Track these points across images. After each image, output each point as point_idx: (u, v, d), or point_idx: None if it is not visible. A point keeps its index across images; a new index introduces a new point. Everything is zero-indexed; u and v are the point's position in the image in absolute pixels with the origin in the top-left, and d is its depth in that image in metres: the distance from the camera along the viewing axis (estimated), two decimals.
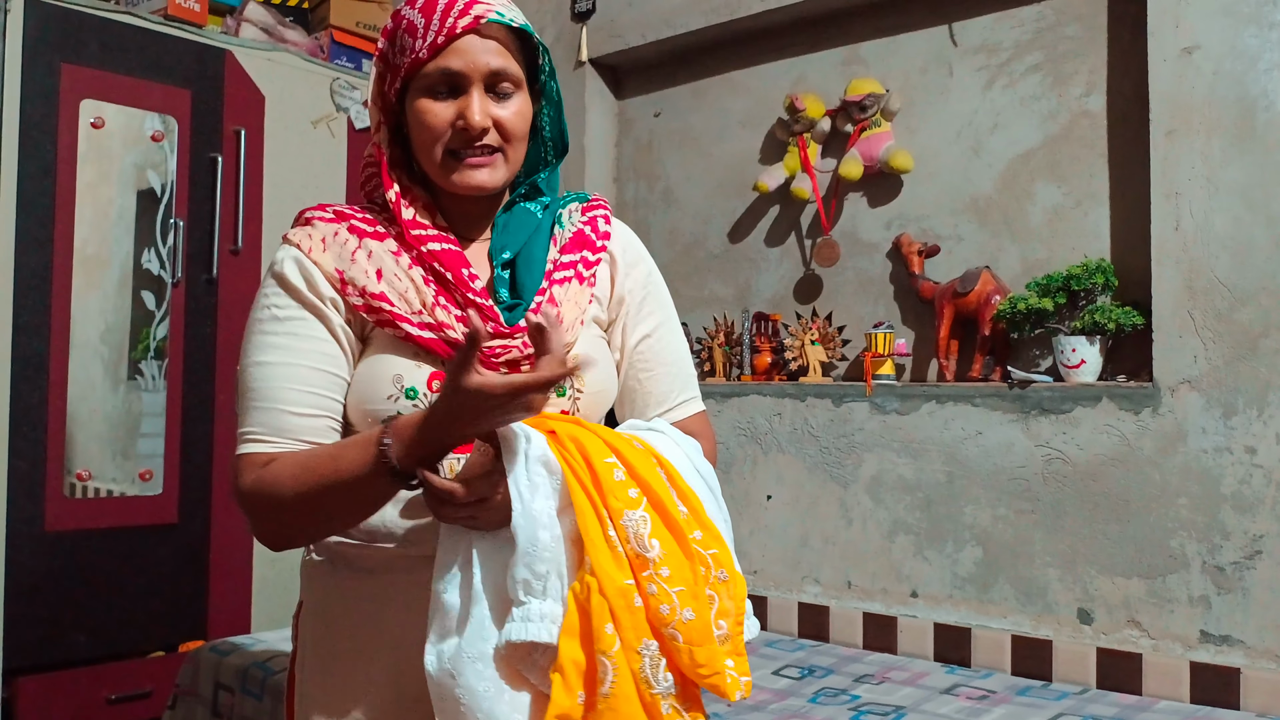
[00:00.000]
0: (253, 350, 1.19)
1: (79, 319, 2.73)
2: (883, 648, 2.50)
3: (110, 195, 2.83)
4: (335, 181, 3.28)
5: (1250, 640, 2.06)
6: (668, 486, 1.13)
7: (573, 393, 1.23)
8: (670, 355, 1.37)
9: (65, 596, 2.67)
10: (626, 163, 3.27)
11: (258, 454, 1.16)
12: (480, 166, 1.21)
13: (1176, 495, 2.14)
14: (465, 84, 1.19)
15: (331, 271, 1.19)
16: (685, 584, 1.07)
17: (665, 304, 1.40)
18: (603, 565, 1.05)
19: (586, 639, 1.04)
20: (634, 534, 1.07)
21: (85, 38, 2.74)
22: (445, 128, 1.19)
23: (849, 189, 2.74)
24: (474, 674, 1.05)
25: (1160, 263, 2.16)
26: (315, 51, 3.40)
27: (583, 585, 1.05)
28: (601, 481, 1.08)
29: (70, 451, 2.72)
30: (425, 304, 1.18)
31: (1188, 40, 2.14)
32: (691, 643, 1.05)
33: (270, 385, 1.17)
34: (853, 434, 2.59)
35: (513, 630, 1.04)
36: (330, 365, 1.19)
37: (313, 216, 1.24)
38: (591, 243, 1.30)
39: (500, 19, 1.19)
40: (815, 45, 2.83)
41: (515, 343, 1.18)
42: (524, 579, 1.05)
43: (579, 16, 3.19)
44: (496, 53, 1.20)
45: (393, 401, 1.17)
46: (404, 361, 1.18)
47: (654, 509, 1.09)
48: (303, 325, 1.18)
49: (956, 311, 2.45)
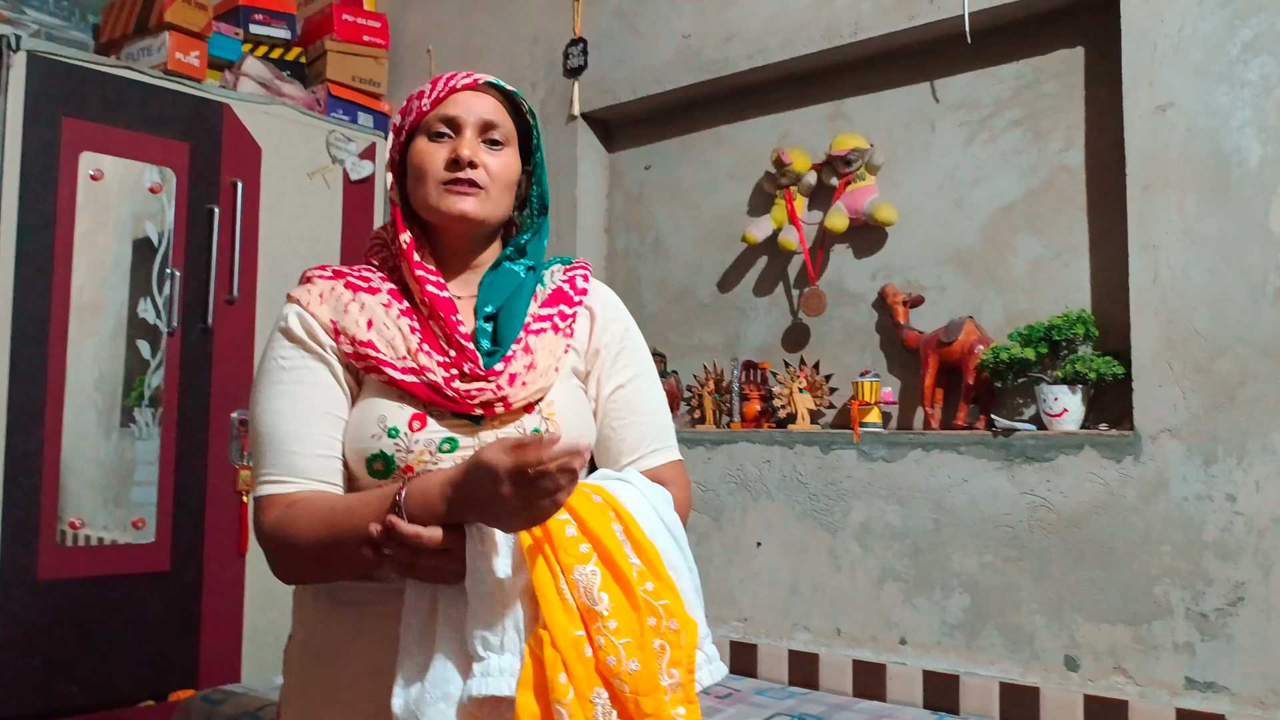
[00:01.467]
0: (263, 399, 1.29)
1: (74, 367, 2.76)
2: (872, 695, 2.50)
3: (107, 245, 2.87)
4: (330, 232, 3.33)
5: (1235, 687, 2.08)
6: (620, 541, 1.18)
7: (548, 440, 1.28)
8: (644, 405, 1.43)
9: (57, 645, 2.67)
10: (617, 214, 3.32)
11: (276, 495, 1.24)
12: (467, 195, 1.32)
13: (1160, 542, 2.17)
14: (460, 127, 1.33)
15: (327, 322, 1.30)
16: (632, 635, 1.12)
17: (642, 358, 1.46)
18: (555, 619, 1.10)
19: (541, 690, 1.09)
20: (584, 588, 1.12)
21: (86, 92, 2.79)
22: (438, 161, 1.32)
23: (835, 241, 2.79)
24: (437, 715, 1.10)
25: (1139, 313, 2.21)
26: (312, 105, 3.46)
27: (536, 639, 1.10)
28: (553, 538, 1.14)
29: (64, 499, 2.73)
30: (410, 350, 1.27)
31: (1162, 98, 2.20)
32: (638, 692, 1.10)
33: (283, 430, 1.26)
34: (841, 481, 2.62)
35: (473, 685, 1.09)
36: (335, 408, 1.28)
37: (313, 275, 1.36)
38: (569, 297, 1.40)
39: (497, 83, 1.37)
40: (801, 101, 2.90)
41: (490, 385, 1.27)
42: (481, 635, 1.11)
43: (571, 72, 3.26)
44: (491, 108, 1.35)
45: (375, 440, 1.25)
46: (389, 404, 1.27)
47: (604, 563, 1.15)
48: (308, 373, 1.28)
49: (941, 360, 2.49)
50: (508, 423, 1.29)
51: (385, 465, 1.25)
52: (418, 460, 1.25)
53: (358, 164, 3.40)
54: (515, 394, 1.28)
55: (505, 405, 1.27)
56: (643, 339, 1.49)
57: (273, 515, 1.23)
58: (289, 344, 1.30)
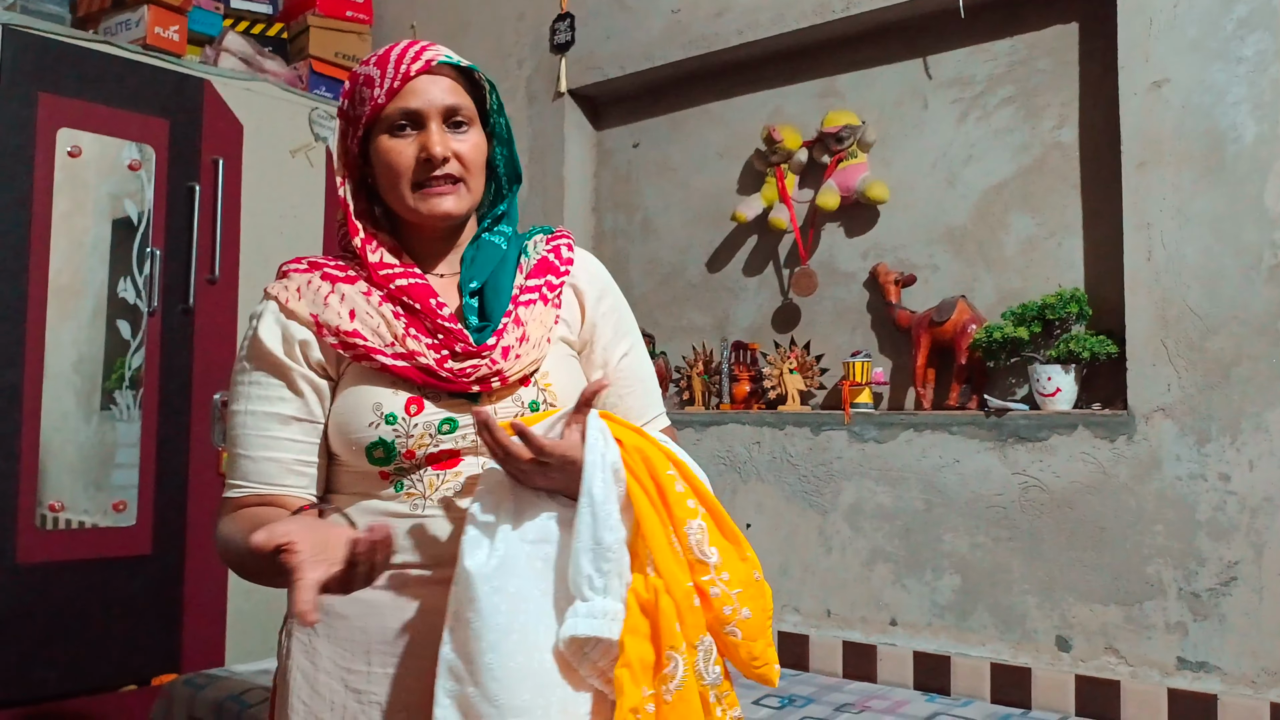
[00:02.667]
0: (231, 399, 1.32)
1: (53, 348, 2.71)
2: (863, 676, 2.49)
3: (86, 224, 2.82)
4: (313, 211, 3.28)
5: (1227, 666, 2.07)
6: (711, 495, 1.23)
7: (545, 407, 1.30)
8: (642, 373, 1.45)
9: (37, 630, 2.63)
10: (605, 193, 3.29)
11: (230, 499, 1.28)
12: (445, 194, 1.29)
13: (1152, 522, 2.16)
14: (424, 120, 1.29)
15: (306, 317, 1.28)
16: (743, 585, 1.18)
17: (633, 326, 1.48)
18: (669, 569, 1.14)
19: (654, 637, 1.13)
20: (694, 542, 1.17)
21: (63, 67, 2.73)
22: (409, 162, 1.28)
23: (826, 219, 2.76)
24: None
25: (1133, 292, 2.19)
26: (294, 81, 3.41)
27: (648, 587, 1.13)
28: (666, 493, 1.18)
29: (43, 482, 2.69)
30: (396, 336, 1.25)
31: (1157, 74, 2.18)
32: (750, 638, 1.18)
33: (241, 432, 1.28)
34: (831, 462, 2.60)
35: (578, 625, 1.12)
36: (291, 409, 1.28)
37: (289, 269, 1.34)
38: (555, 268, 1.38)
39: (449, 60, 1.31)
40: (792, 78, 2.86)
41: (484, 361, 1.26)
42: (588, 575, 1.13)
43: (558, 48, 3.22)
44: (450, 90, 1.30)
45: (373, 429, 1.24)
46: (382, 390, 1.25)
47: (710, 517, 1.20)
48: (264, 383, 1.29)
49: (933, 340, 2.47)
50: (504, 397, 1.28)
51: (386, 452, 1.24)
52: (418, 444, 1.24)
53: None
54: (510, 367, 1.27)
55: (501, 379, 1.26)
56: (628, 304, 1.50)
57: (221, 518, 1.28)
58: (254, 346, 1.30)
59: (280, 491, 1.26)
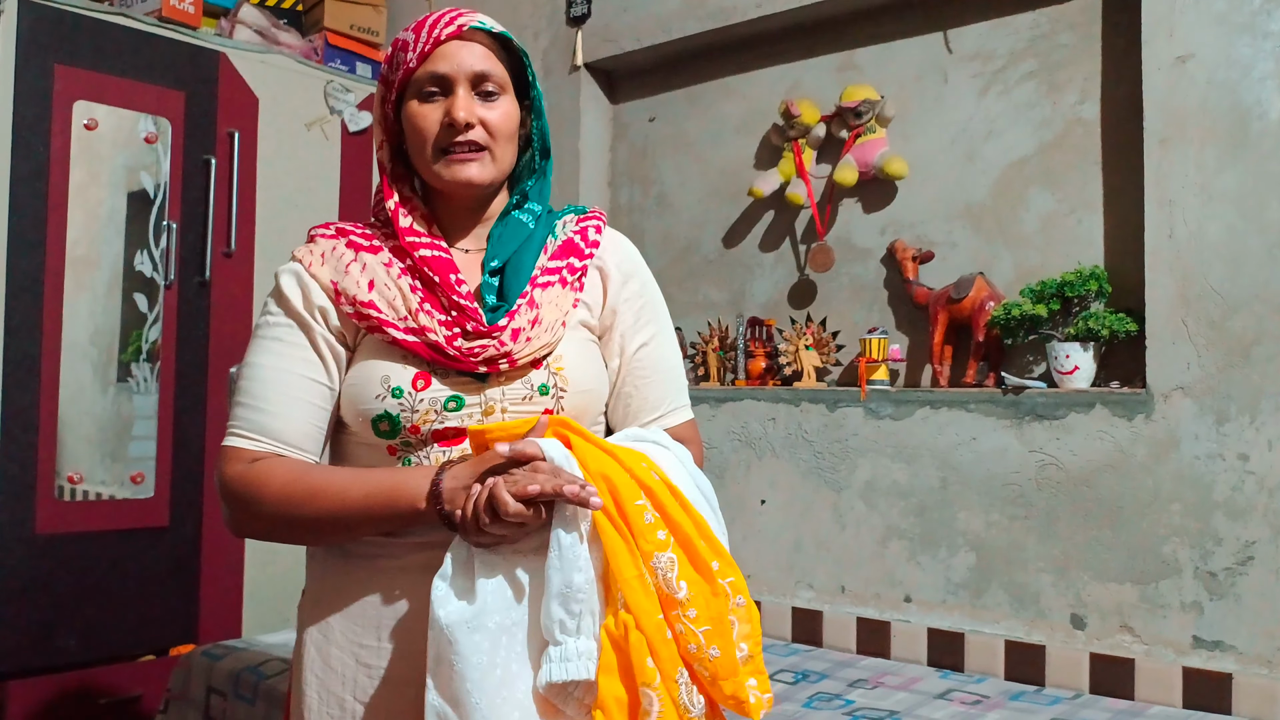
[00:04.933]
0: (248, 353, 1.30)
1: (70, 321, 2.72)
2: (876, 653, 2.50)
3: (101, 197, 2.82)
4: (329, 184, 3.28)
5: (1242, 646, 2.07)
6: (687, 516, 1.17)
7: (556, 391, 1.29)
8: (664, 364, 1.42)
9: (56, 600, 2.66)
10: (621, 167, 3.27)
11: (240, 448, 1.25)
12: (469, 161, 1.28)
13: (1169, 501, 2.15)
14: (452, 85, 1.28)
15: (327, 283, 1.28)
16: (711, 622, 1.13)
17: (661, 314, 1.45)
18: (639, 603, 1.10)
19: (626, 674, 1.10)
20: (663, 576, 1.13)
21: (79, 39, 2.73)
22: (434, 126, 1.28)
23: (844, 195, 2.74)
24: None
25: (1154, 270, 2.17)
26: (309, 54, 3.40)
27: (618, 622, 1.10)
28: (632, 524, 1.13)
29: (61, 454, 2.71)
30: (410, 310, 1.25)
31: (1181, 49, 2.15)
32: (718, 676, 1.12)
33: (257, 385, 1.27)
34: (847, 439, 2.59)
35: (552, 670, 1.10)
36: (312, 372, 1.27)
37: (316, 234, 1.35)
38: (579, 250, 1.36)
39: (483, 26, 1.29)
40: (810, 51, 2.84)
41: (493, 342, 1.25)
42: (559, 619, 1.10)
43: (574, 21, 3.19)
44: (481, 56, 1.29)
45: (380, 401, 1.24)
46: (391, 364, 1.25)
47: (681, 548, 1.15)
48: (288, 332, 1.28)
49: (951, 317, 2.46)
50: (514, 379, 1.28)
51: (391, 425, 1.24)
52: (423, 419, 1.24)
53: (356, 115, 3.34)
54: (519, 349, 1.26)
55: (510, 361, 1.25)
56: (659, 290, 1.47)
57: (235, 468, 1.24)
58: (278, 305, 1.30)
59: (296, 454, 1.26)
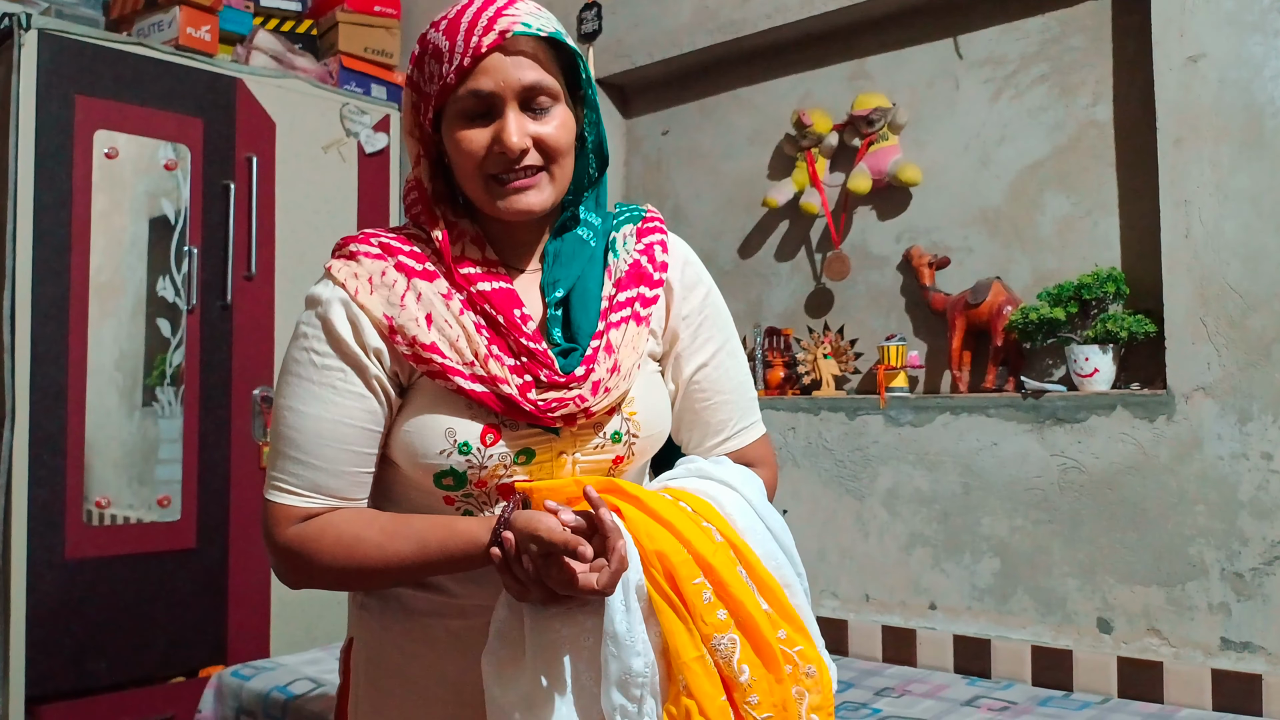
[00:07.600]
0: (289, 393, 1.15)
1: (95, 347, 2.76)
2: (902, 660, 2.49)
3: (123, 224, 2.86)
4: (346, 205, 3.31)
5: (1271, 646, 2.05)
6: (750, 589, 1.11)
7: (628, 439, 1.21)
8: (728, 382, 1.30)
9: (86, 624, 2.68)
10: (635, 181, 3.29)
11: (291, 507, 1.15)
12: (526, 189, 1.15)
13: (1194, 502, 2.14)
14: (499, 104, 1.13)
15: (380, 318, 1.13)
16: (773, 709, 1.09)
17: (724, 325, 1.32)
18: (701, 687, 1.06)
19: None
20: (724, 656, 1.08)
21: (98, 69, 2.77)
22: (482, 153, 1.14)
23: (858, 203, 2.75)
24: None
25: (1171, 270, 2.17)
26: (324, 77, 3.43)
27: (680, 708, 1.06)
28: (690, 605, 1.08)
29: (89, 479, 2.74)
30: (478, 355, 1.12)
31: (1193, 49, 2.15)
32: None
33: (307, 438, 1.14)
34: (867, 447, 2.59)
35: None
36: (368, 421, 1.15)
37: (357, 251, 1.18)
38: (649, 276, 1.24)
39: (528, 30, 1.12)
40: (821, 61, 2.85)
41: (571, 395, 1.13)
42: (620, 704, 1.06)
43: (586, 37, 3.22)
44: (528, 67, 1.13)
45: (446, 456, 1.13)
46: (456, 418, 1.13)
47: (741, 629, 1.10)
48: (342, 378, 1.14)
49: (968, 323, 2.46)
50: (587, 429, 1.18)
51: (456, 480, 1.14)
52: (491, 475, 1.15)
53: (372, 136, 3.37)
54: (598, 403, 1.15)
55: (587, 415, 1.15)
56: (721, 299, 1.34)
57: (288, 530, 1.14)
58: (325, 339, 1.14)
59: (344, 505, 1.16)
